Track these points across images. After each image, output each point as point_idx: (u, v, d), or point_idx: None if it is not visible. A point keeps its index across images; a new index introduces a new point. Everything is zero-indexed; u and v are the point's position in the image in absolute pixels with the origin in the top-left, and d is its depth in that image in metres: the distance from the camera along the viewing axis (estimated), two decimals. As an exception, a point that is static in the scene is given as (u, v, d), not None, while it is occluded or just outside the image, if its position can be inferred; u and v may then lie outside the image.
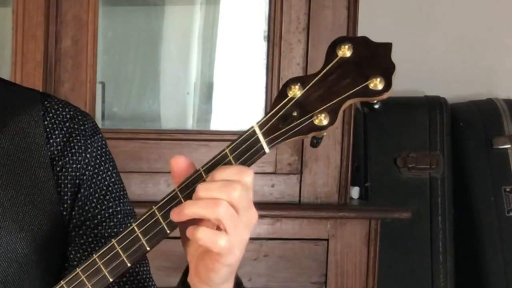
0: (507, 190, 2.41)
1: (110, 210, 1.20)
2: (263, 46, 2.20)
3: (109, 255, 1.00)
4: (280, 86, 2.12)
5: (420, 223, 2.39)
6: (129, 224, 1.01)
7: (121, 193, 1.23)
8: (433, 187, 2.43)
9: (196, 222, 0.97)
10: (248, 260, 0.97)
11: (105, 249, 1.00)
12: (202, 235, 0.95)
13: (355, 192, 2.34)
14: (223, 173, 0.95)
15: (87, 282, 1.01)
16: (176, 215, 0.96)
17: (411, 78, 2.51)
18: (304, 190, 2.17)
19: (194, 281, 1.01)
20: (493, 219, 2.40)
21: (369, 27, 2.00)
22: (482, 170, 2.44)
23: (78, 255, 1.18)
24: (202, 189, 0.95)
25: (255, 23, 2.24)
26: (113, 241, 0.99)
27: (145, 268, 1.20)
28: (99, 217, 1.19)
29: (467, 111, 2.53)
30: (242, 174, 0.96)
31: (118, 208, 1.21)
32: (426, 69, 2.60)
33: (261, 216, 0.96)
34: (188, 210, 0.95)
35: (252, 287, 2.10)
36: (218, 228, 0.95)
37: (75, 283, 1.02)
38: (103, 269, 1.00)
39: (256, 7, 2.24)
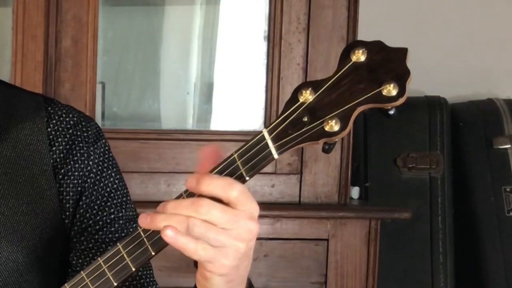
0: (507, 190, 2.41)
1: (112, 216, 1.19)
2: (263, 46, 2.20)
3: (114, 259, 0.98)
4: (280, 86, 2.14)
5: (420, 223, 2.38)
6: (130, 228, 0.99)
7: (124, 199, 1.22)
8: (433, 187, 2.42)
9: None
10: (248, 260, 0.96)
11: (110, 253, 0.98)
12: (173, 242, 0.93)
13: (355, 192, 2.34)
14: (210, 186, 0.92)
15: (91, 286, 0.99)
16: (146, 223, 0.94)
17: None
18: (304, 190, 2.17)
19: (198, 286, 1.01)
20: (493, 219, 2.40)
21: (369, 27, 2.01)
22: (482, 170, 2.44)
23: (80, 261, 1.18)
24: (171, 207, 0.93)
25: (255, 23, 2.23)
26: (119, 245, 0.98)
27: (148, 272, 1.20)
28: (100, 223, 1.18)
29: (467, 111, 2.53)
30: (227, 189, 0.92)
31: (120, 214, 1.20)
32: (426, 69, 2.59)
33: (261, 216, 0.95)
34: (160, 224, 0.92)
35: (252, 287, 2.10)
36: None
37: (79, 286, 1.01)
38: (107, 272, 0.98)
39: (256, 7, 2.24)
